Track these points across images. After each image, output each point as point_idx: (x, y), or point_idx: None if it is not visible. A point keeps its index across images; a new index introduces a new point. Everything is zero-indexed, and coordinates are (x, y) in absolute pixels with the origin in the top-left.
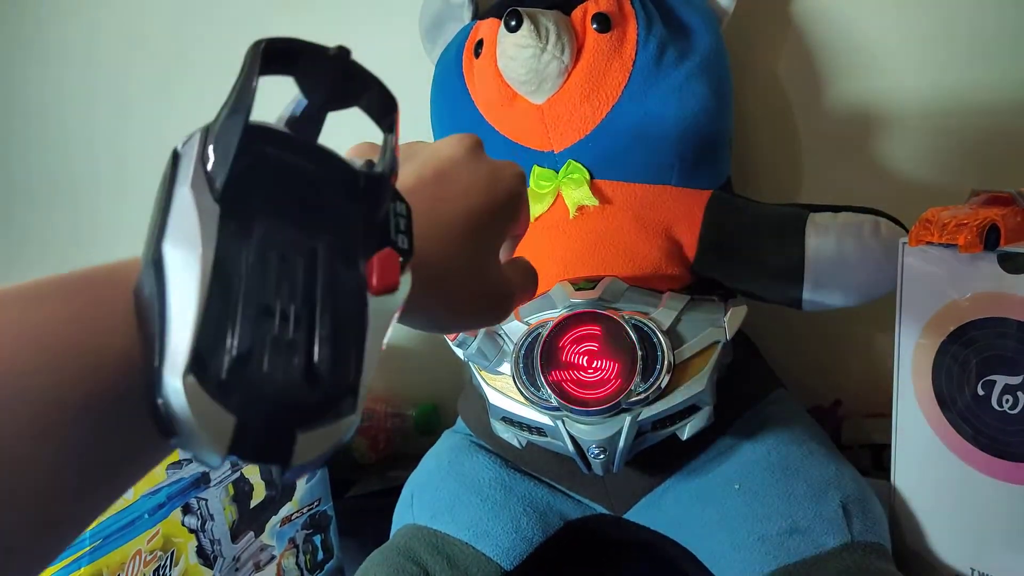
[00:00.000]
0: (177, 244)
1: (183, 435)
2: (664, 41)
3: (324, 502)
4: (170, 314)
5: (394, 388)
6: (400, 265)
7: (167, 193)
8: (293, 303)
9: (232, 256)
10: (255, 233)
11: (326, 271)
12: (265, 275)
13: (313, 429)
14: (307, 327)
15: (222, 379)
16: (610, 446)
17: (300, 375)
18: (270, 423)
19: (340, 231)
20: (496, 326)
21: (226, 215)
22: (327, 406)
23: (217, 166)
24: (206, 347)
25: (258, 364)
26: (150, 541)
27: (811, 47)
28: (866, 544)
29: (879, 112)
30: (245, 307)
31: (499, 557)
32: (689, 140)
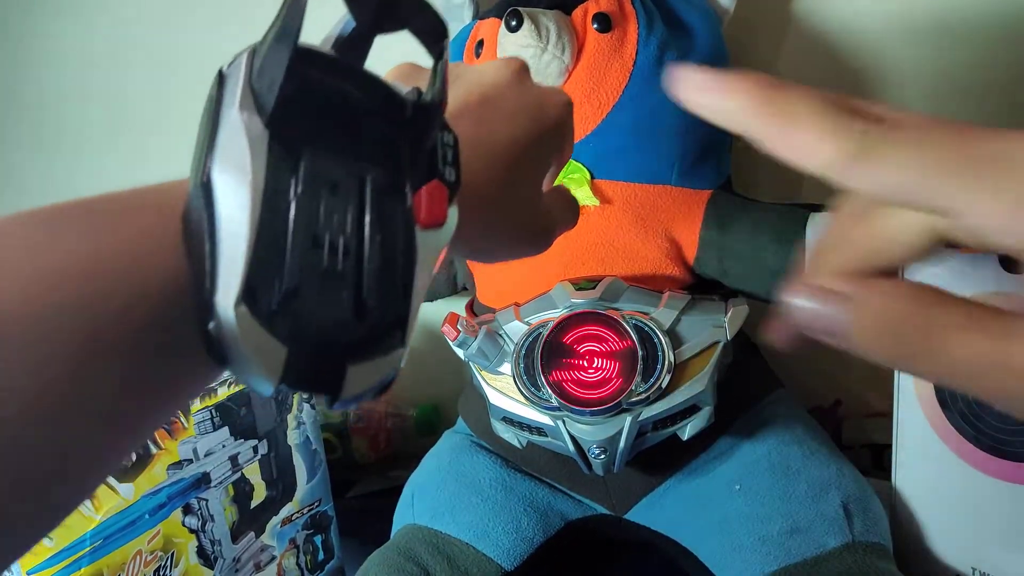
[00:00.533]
0: (226, 168)
1: (235, 363)
2: (665, 41)
3: (324, 502)
4: (220, 241)
5: (394, 388)
6: (448, 197)
7: (214, 114)
8: (342, 235)
9: (282, 184)
10: (303, 161)
11: (374, 203)
12: (314, 205)
13: (363, 362)
14: (356, 260)
15: (273, 310)
16: (611, 446)
17: (349, 308)
18: (320, 355)
19: (388, 162)
20: (497, 326)
21: (275, 140)
22: (377, 339)
23: (265, 89)
24: (257, 277)
25: (308, 296)
26: (150, 541)
27: (811, 47)
28: (867, 544)
29: None
30: (295, 237)
31: (500, 557)
32: (689, 140)
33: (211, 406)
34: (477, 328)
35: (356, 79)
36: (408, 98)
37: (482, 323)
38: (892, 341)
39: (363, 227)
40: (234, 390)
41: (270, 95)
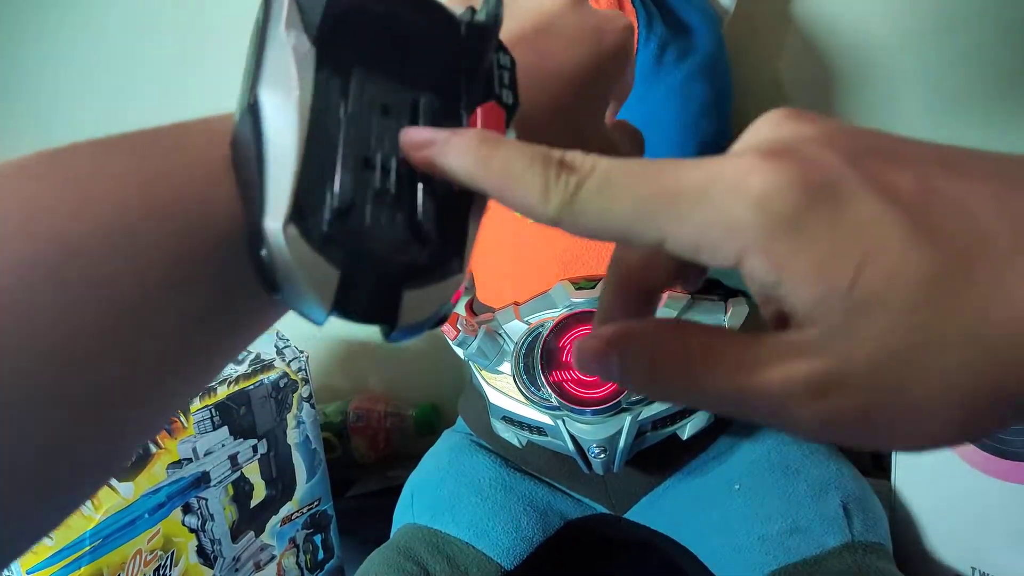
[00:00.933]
0: (273, 88)
1: (286, 290)
2: (665, 41)
3: (324, 502)
4: (268, 162)
5: (394, 388)
6: (505, 121)
7: (260, 34)
8: (394, 156)
9: (331, 102)
10: (353, 80)
11: (429, 123)
12: (365, 125)
13: (420, 287)
14: (410, 182)
15: (324, 231)
16: (610, 445)
17: (404, 230)
18: (375, 278)
19: (442, 83)
20: (496, 325)
21: (323, 58)
22: (433, 264)
23: (313, 5)
24: (306, 197)
25: (360, 217)
26: (150, 541)
27: (812, 47)
28: (866, 544)
29: (879, 112)
30: (345, 156)
31: (499, 557)
32: (689, 140)
33: (210, 405)
34: (477, 327)
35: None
36: (462, 18)
37: (482, 322)
38: (657, 381)
39: None
40: (233, 389)
41: (317, 10)
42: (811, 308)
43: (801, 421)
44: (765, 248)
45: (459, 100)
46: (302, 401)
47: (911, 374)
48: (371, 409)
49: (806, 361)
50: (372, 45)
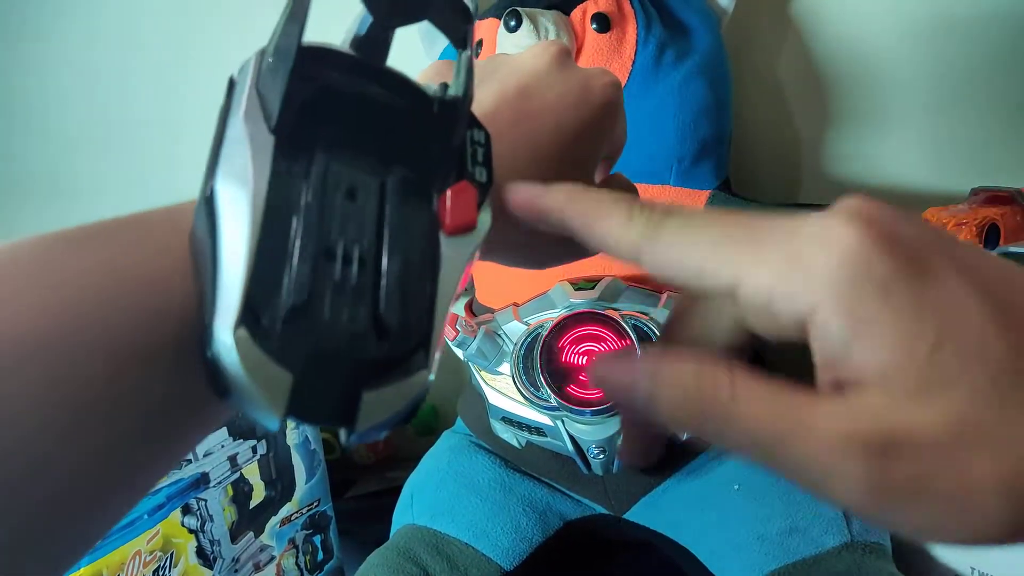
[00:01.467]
0: (228, 180)
1: (237, 395)
2: (663, 41)
3: (323, 502)
4: (221, 258)
5: None
6: (478, 199)
7: (221, 124)
8: (358, 244)
9: (288, 192)
10: (315, 166)
11: (395, 208)
12: (326, 212)
13: (381, 387)
14: (373, 271)
15: (277, 333)
16: (610, 446)
17: (365, 325)
18: (331, 381)
19: (411, 163)
20: (496, 326)
21: (282, 146)
22: (396, 361)
23: (271, 93)
24: (258, 296)
25: (318, 314)
26: (150, 541)
27: (811, 47)
28: (866, 543)
29: (879, 111)
30: (303, 249)
31: (499, 557)
32: (688, 140)
33: None
34: (476, 328)
35: (374, 75)
36: (435, 95)
37: (481, 323)
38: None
39: (382, 234)
40: None
41: (277, 97)
42: (885, 371)
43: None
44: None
45: (429, 179)
46: None
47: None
48: None
49: (870, 421)
50: (336, 125)
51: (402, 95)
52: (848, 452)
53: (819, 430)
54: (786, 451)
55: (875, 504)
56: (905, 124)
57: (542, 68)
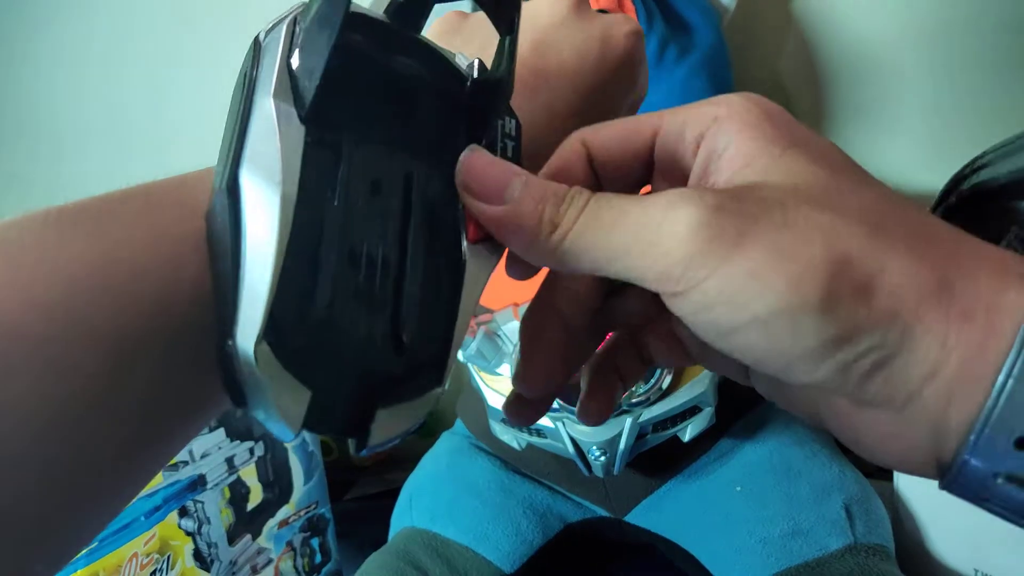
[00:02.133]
0: (256, 172)
1: (254, 405)
2: (665, 38)
3: (322, 505)
4: (245, 261)
5: None
6: None
7: (246, 101)
8: (381, 244)
9: (318, 194)
10: (343, 159)
11: (421, 204)
12: (352, 212)
13: (395, 404)
14: (396, 277)
15: (299, 346)
16: (611, 448)
17: (384, 338)
18: (349, 398)
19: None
20: (495, 327)
21: (313, 140)
22: (412, 379)
23: (305, 76)
24: (284, 309)
25: (339, 329)
26: (146, 544)
27: (812, 45)
28: (869, 546)
29: (879, 110)
30: (327, 257)
31: (499, 560)
32: None
33: None
34: (475, 329)
35: (410, 50)
36: (467, 72)
37: (480, 324)
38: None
39: (407, 235)
40: None
41: (311, 83)
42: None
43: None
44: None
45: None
46: None
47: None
48: None
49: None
50: (367, 108)
51: (437, 73)
52: (682, 200)
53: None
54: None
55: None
56: (905, 122)
57: (558, 19)
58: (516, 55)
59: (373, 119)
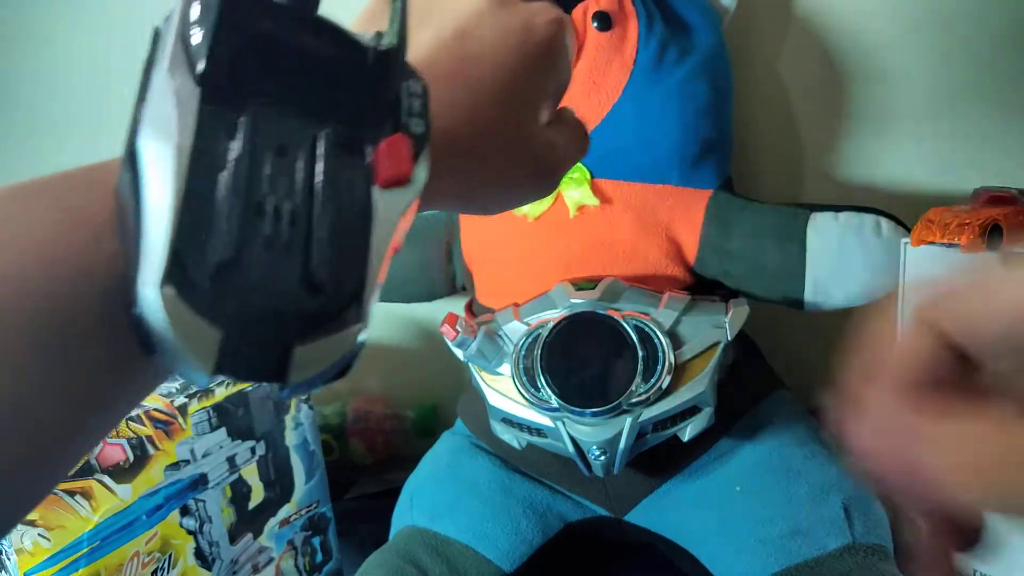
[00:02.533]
0: (152, 135)
1: (164, 352)
2: (665, 40)
3: (323, 504)
4: (145, 215)
5: (392, 389)
6: (413, 152)
7: (145, 79)
8: (289, 200)
9: (216, 147)
10: (243, 120)
11: (327, 162)
12: (255, 168)
13: (312, 341)
14: (304, 226)
15: (205, 288)
16: (611, 447)
17: (296, 281)
18: (261, 337)
19: (344, 116)
20: (496, 326)
21: (208, 99)
22: (328, 315)
23: (199, 44)
24: (185, 252)
25: (246, 270)
26: (148, 543)
27: (812, 47)
28: (868, 545)
29: (880, 111)
30: (231, 205)
31: (499, 559)
32: (690, 139)
33: (209, 407)
34: (476, 328)
35: (307, 25)
36: (369, 44)
37: (481, 323)
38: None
39: (313, 189)
40: (232, 391)
41: (204, 48)
42: None
43: None
44: None
45: (364, 133)
46: (300, 403)
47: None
48: (370, 411)
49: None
50: (267, 77)
51: (335, 46)
52: None
53: None
54: None
55: None
56: (908, 124)
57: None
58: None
59: (274, 87)
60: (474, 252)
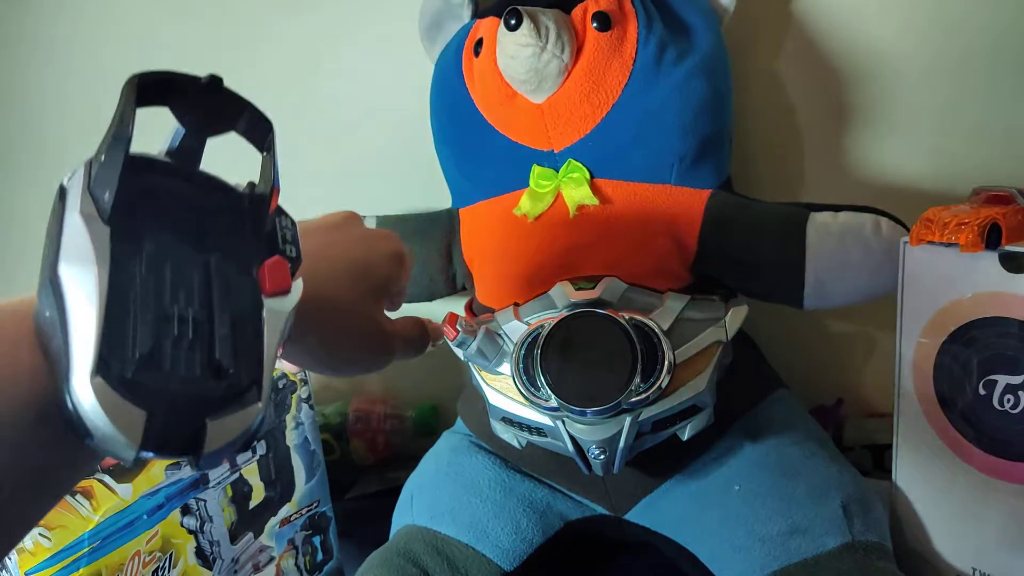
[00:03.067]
0: (72, 264)
1: (97, 435)
2: (664, 40)
3: (323, 503)
4: (71, 327)
5: (393, 389)
6: (290, 271)
7: (58, 222)
8: (191, 307)
9: (127, 270)
10: (146, 250)
11: (220, 278)
12: (160, 285)
13: (221, 417)
14: (207, 328)
15: (128, 377)
16: (610, 446)
17: (203, 370)
18: (179, 413)
19: (230, 245)
20: (496, 326)
21: (116, 234)
22: (232, 396)
23: (103, 193)
24: (110, 351)
25: (162, 361)
26: (149, 542)
27: (811, 46)
28: (867, 544)
29: (879, 111)
30: (143, 313)
31: (499, 558)
32: (689, 139)
33: None
34: (476, 328)
35: (191, 178)
36: (243, 191)
37: (481, 323)
38: None
39: (211, 299)
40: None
41: (109, 195)
42: None
43: None
44: None
45: (248, 257)
46: (301, 402)
47: None
48: (370, 410)
49: None
50: (162, 219)
51: (216, 193)
52: None
53: None
54: None
55: None
56: (907, 123)
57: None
58: (276, 170)
59: (168, 225)
60: (474, 252)
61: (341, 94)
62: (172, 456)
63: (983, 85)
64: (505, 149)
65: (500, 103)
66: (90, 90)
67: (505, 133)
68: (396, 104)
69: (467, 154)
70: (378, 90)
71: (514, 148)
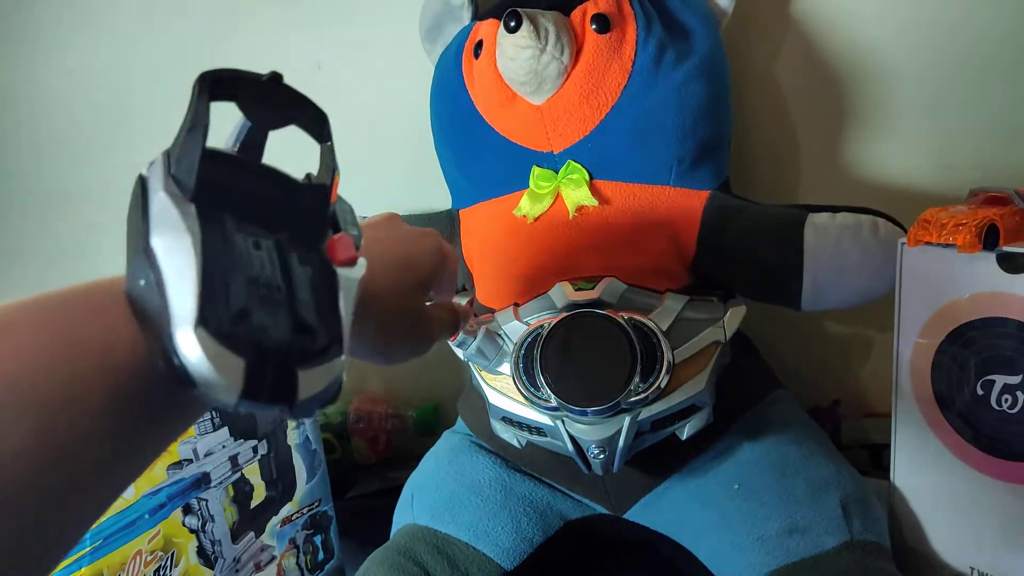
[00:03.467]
0: (164, 235)
1: (201, 382)
2: (663, 42)
3: (324, 502)
4: (170, 289)
5: (394, 389)
6: (354, 245)
7: (142, 204)
8: (274, 275)
9: (215, 241)
10: (228, 226)
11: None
12: (245, 255)
13: (311, 368)
14: (289, 291)
15: (226, 330)
16: (610, 446)
17: (289, 327)
18: (273, 363)
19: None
20: (496, 326)
21: (201, 210)
22: (319, 350)
23: (185, 174)
24: (209, 306)
25: (255, 317)
26: (151, 541)
27: (811, 47)
28: (865, 543)
29: (878, 112)
30: (234, 277)
31: (499, 557)
32: (688, 141)
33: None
34: (476, 328)
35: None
36: (303, 183)
37: (481, 323)
38: None
39: (289, 268)
40: None
41: (190, 177)
42: None
43: None
44: None
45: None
46: None
47: None
48: (371, 410)
49: None
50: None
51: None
52: None
53: None
54: None
55: None
56: (904, 125)
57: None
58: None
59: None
60: (474, 253)
61: (341, 95)
62: (269, 404)
63: (980, 87)
64: (505, 150)
65: (500, 105)
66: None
67: (505, 134)
68: (396, 105)
69: (467, 155)
70: (378, 91)
71: (514, 149)
